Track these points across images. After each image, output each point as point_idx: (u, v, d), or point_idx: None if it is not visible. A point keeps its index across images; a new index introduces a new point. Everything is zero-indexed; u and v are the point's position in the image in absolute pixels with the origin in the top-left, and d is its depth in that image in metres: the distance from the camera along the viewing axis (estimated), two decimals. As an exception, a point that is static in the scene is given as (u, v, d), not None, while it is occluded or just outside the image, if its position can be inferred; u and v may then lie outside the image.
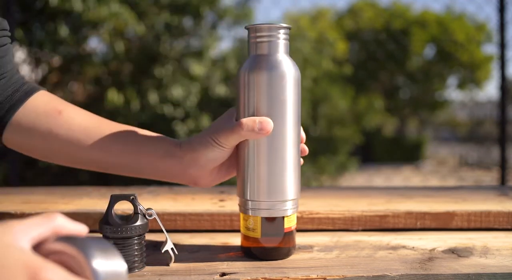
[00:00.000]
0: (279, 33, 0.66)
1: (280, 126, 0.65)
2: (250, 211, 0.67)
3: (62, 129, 0.72)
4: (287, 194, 0.67)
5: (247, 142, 0.66)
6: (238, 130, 0.64)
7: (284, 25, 0.66)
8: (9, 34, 0.76)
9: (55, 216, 0.46)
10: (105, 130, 0.72)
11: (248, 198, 0.67)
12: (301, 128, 0.70)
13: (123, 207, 0.81)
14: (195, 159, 0.68)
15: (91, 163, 0.73)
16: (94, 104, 4.13)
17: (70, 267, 0.44)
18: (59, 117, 0.72)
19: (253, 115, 0.65)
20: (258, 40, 0.66)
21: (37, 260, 0.42)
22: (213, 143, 0.67)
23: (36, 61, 3.90)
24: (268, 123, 0.64)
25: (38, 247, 0.45)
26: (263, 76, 0.65)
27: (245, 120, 0.64)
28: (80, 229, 0.47)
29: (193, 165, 0.69)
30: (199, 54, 4.17)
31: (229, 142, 0.66)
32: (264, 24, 0.66)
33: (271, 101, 0.65)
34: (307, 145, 0.73)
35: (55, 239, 0.45)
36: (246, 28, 0.68)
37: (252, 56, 0.67)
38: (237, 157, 0.69)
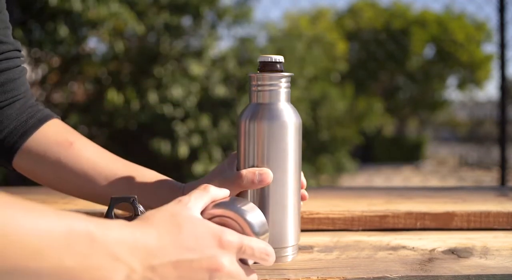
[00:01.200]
0: (280, 82, 0.65)
1: (280, 175, 0.65)
2: None
3: (71, 161, 0.73)
4: (287, 241, 0.66)
5: (248, 190, 0.66)
6: (238, 181, 0.65)
7: (286, 73, 0.65)
8: (23, 55, 0.77)
9: (209, 187, 0.58)
10: (112, 167, 0.74)
11: None
12: (302, 174, 0.69)
13: (123, 208, 0.81)
14: None
15: (97, 197, 0.75)
16: (94, 104, 4.13)
17: (229, 225, 0.56)
18: (70, 148, 0.74)
19: (253, 164, 0.65)
20: (259, 88, 0.65)
21: (217, 227, 0.53)
22: None
23: (35, 61, 3.90)
24: (268, 175, 0.64)
25: (202, 213, 0.56)
26: (264, 126, 0.64)
27: (245, 172, 0.65)
28: (226, 193, 0.60)
29: None
30: (198, 54, 4.17)
31: (230, 192, 0.66)
32: (265, 73, 0.65)
33: (272, 150, 0.64)
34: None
35: (213, 205, 0.57)
36: (247, 75, 0.68)
37: (253, 104, 0.66)
38: None
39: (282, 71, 0.66)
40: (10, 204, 0.43)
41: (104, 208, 0.81)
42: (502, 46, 2.95)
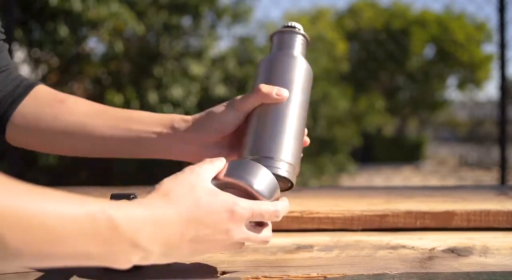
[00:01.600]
0: (297, 36, 0.74)
1: (288, 100, 0.69)
2: None
3: (67, 115, 0.73)
4: (281, 153, 0.66)
5: (256, 113, 0.68)
6: (257, 91, 0.68)
7: (305, 33, 0.75)
8: (2, 30, 0.76)
9: (214, 161, 0.59)
10: (109, 111, 0.74)
11: (247, 154, 0.66)
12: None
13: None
14: (205, 123, 0.70)
15: (97, 149, 0.74)
16: (94, 104, 4.12)
17: (238, 193, 0.57)
18: (63, 105, 0.74)
19: None
20: (279, 40, 0.74)
21: (230, 200, 0.55)
22: (228, 106, 0.69)
23: (35, 61, 3.90)
24: (285, 91, 0.68)
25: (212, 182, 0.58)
26: (279, 61, 0.72)
27: (264, 85, 0.68)
28: (224, 163, 0.60)
29: (201, 130, 0.70)
30: (198, 54, 4.17)
31: (245, 104, 0.69)
32: (286, 28, 0.75)
33: (283, 80, 0.70)
34: (307, 145, 0.74)
35: (222, 175, 0.59)
36: (269, 34, 0.77)
37: (272, 52, 0.74)
38: (244, 127, 0.70)
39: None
40: (30, 191, 0.44)
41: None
42: (502, 46, 2.95)
